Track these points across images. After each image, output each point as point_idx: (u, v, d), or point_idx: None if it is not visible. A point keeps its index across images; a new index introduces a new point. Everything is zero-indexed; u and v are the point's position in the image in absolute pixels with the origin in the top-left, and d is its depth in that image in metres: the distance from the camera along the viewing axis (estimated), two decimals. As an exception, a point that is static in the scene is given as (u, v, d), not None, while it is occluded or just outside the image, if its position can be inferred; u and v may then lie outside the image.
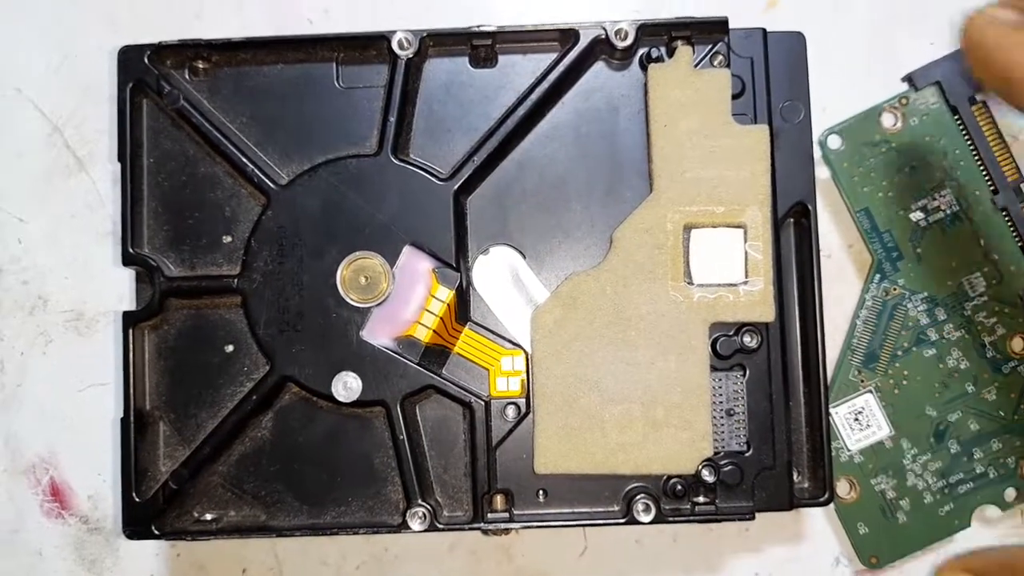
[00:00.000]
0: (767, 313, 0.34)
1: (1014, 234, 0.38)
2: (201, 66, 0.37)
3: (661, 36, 0.36)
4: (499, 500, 0.35)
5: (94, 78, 0.41)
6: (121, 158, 0.36)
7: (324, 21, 0.40)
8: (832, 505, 0.36)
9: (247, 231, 0.36)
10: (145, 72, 0.36)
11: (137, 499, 0.35)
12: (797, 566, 0.39)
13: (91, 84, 0.41)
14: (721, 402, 0.35)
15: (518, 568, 0.39)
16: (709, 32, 0.35)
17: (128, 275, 0.38)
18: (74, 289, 0.40)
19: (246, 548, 0.39)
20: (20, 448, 0.40)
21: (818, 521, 0.39)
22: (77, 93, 0.41)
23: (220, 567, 0.39)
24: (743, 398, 0.35)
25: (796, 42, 0.36)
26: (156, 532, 0.35)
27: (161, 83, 0.36)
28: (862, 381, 0.38)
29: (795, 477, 0.35)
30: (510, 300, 0.36)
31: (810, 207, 0.36)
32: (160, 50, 0.36)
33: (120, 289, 0.40)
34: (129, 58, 0.36)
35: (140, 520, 0.35)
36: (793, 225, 0.36)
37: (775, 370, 0.35)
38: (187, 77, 0.37)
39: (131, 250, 0.36)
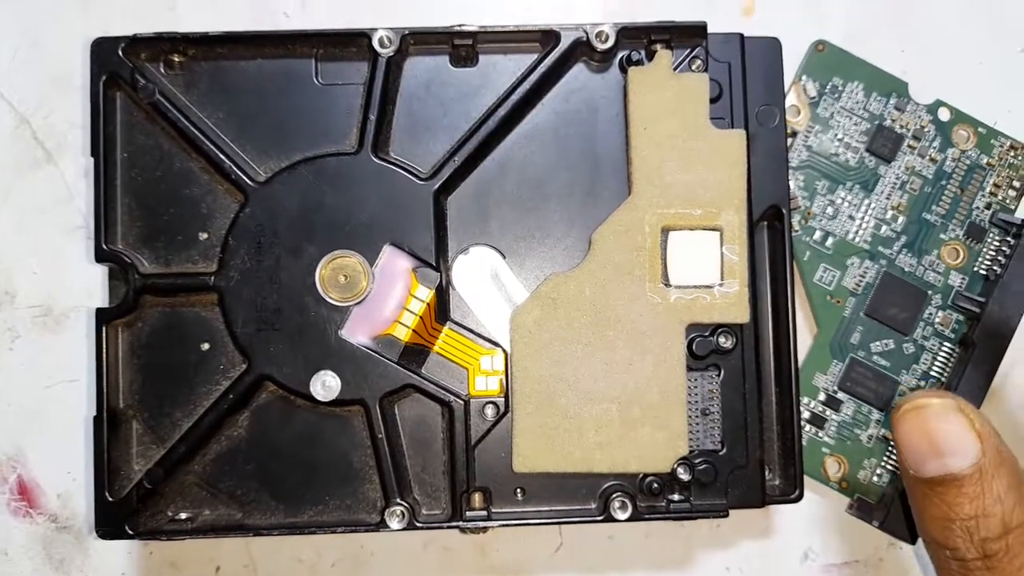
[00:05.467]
0: (742, 315, 0.35)
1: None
2: (177, 59, 0.36)
3: (641, 39, 0.36)
4: (477, 498, 0.35)
5: (63, 68, 0.40)
6: (94, 152, 0.35)
7: (300, 15, 0.40)
8: (802, 502, 0.37)
9: (223, 228, 0.35)
10: (119, 65, 0.35)
11: (110, 498, 0.35)
12: (767, 561, 0.39)
13: (60, 74, 0.40)
14: (696, 402, 0.35)
15: (492, 565, 0.39)
16: (688, 36, 0.36)
17: (99, 271, 0.38)
18: (42, 284, 0.39)
19: (219, 546, 0.39)
20: (-14, 446, 0.39)
21: (787, 517, 0.39)
22: (45, 83, 0.40)
23: (193, 566, 0.39)
24: (718, 398, 0.36)
25: (772, 47, 0.37)
26: (130, 532, 0.34)
27: (136, 76, 0.35)
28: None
29: (767, 475, 0.36)
30: (490, 300, 0.36)
31: (784, 210, 0.36)
32: (135, 43, 0.35)
33: (90, 284, 0.39)
34: (103, 50, 0.35)
35: (113, 520, 0.35)
36: (767, 228, 0.37)
37: (749, 370, 0.36)
38: (162, 71, 0.36)
39: (104, 246, 0.35)
